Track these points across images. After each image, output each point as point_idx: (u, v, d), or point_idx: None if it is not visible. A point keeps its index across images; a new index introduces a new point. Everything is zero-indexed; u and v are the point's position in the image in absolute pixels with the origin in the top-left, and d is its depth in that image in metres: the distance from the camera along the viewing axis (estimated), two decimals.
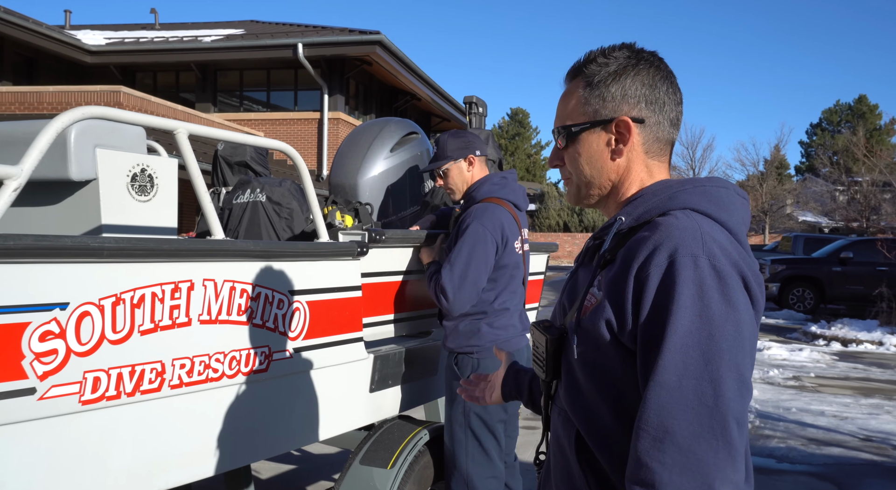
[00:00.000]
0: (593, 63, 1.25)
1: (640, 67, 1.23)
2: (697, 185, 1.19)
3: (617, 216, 1.20)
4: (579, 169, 1.27)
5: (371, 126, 3.93)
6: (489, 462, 2.83)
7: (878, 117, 47.37)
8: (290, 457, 5.04)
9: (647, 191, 1.22)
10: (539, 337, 1.26)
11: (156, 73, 19.15)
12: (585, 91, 1.25)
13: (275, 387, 2.38)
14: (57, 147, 2.14)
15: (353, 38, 16.88)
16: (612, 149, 1.24)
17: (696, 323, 1.03)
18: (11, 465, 1.68)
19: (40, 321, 1.67)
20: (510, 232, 2.93)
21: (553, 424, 1.27)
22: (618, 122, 1.23)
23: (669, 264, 1.06)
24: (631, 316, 1.08)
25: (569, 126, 1.26)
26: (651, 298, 1.06)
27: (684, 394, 1.01)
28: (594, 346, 1.12)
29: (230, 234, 3.33)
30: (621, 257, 1.13)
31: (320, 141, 17.78)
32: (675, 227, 1.10)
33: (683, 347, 1.02)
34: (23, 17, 15.19)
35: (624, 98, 1.23)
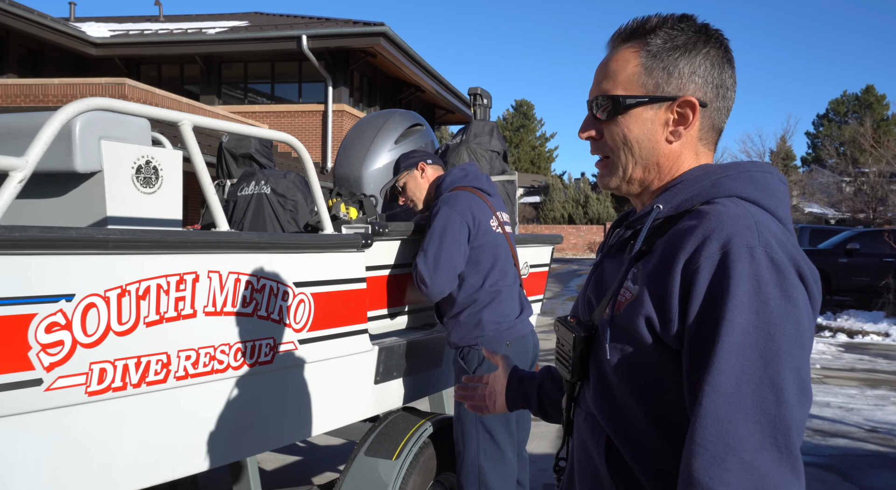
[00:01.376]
0: (659, 30, 1.11)
1: (710, 45, 1.11)
2: (742, 171, 1.09)
3: (653, 204, 1.11)
4: (627, 147, 1.13)
5: (375, 118, 3.92)
6: (502, 455, 2.83)
7: (885, 108, 47.08)
8: (295, 448, 5.07)
9: (686, 177, 1.11)
10: (565, 334, 1.16)
11: (160, 66, 19.15)
12: (647, 60, 1.11)
13: (280, 378, 2.39)
14: (62, 139, 2.14)
15: (357, 29, 16.84)
16: (669, 130, 1.11)
17: (754, 320, 0.93)
18: (18, 456, 1.69)
19: (46, 312, 1.68)
20: (481, 213, 2.94)
21: (577, 429, 1.17)
22: (682, 102, 1.10)
23: (723, 256, 0.96)
24: (677, 313, 0.99)
25: (621, 97, 1.11)
26: (702, 294, 0.96)
27: (743, 400, 0.91)
28: (630, 345, 1.03)
29: (235, 226, 3.34)
30: (662, 248, 1.03)
31: (325, 133, 17.76)
32: (725, 216, 1.00)
33: (741, 348, 0.93)
34: (28, 10, 15.19)
35: (691, 77, 1.10)
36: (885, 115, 46.02)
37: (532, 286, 3.98)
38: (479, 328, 2.88)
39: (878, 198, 24.31)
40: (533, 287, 3.99)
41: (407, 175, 3.13)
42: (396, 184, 3.16)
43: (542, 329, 11.45)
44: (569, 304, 15.67)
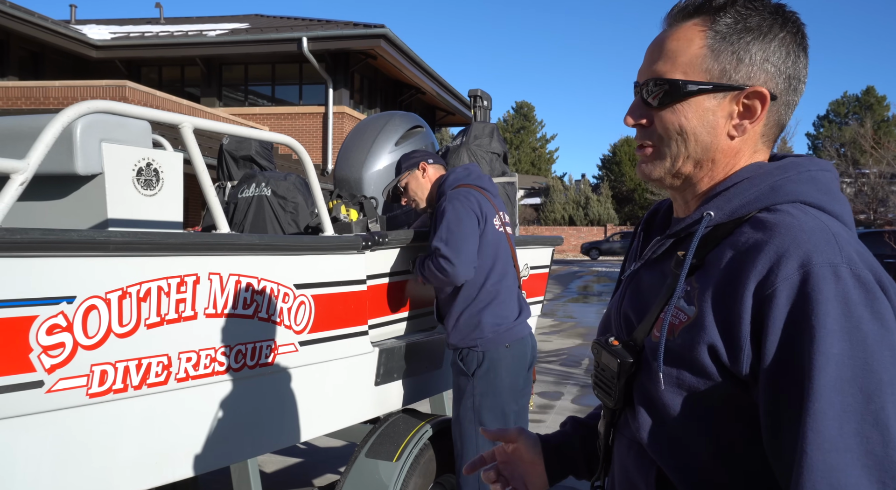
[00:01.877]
0: (730, 8, 0.97)
1: (787, 30, 0.98)
2: (802, 170, 0.98)
3: (703, 210, 0.98)
4: (681, 139, 0.99)
5: (376, 120, 3.93)
6: None
7: (885, 109, 47.11)
8: (296, 450, 5.07)
9: (739, 178, 0.98)
10: (608, 359, 1.02)
11: (161, 68, 19.17)
12: (715, 42, 0.97)
13: (280, 380, 2.39)
14: (63, 141, 2.15)
15: (357, 31, 16.86)
16: (733, 123, 0.98)
17: (849, 350, 0.82)
18: (20, 458, 1.70)
19: (47, 315, 1.68)
20: (487, 209, 2.95)
21: (619, 457, 1.06)
22: (751, 93, 0.97)
23: (803, 277, 0.84)
24: (749, 342, 0.87)
25: (681, 82, 0.98)
26: (782, 321, 0.85)
27: (847, 443, 0.81)
28: (688, 373, 0.92)
29: (235, 228, 3.34)
30: (726, 267, 0.91)
31: (325, 135, 17.78)
32: (798, 229, 0.88)
33: (838, 383, 0.81)
34: (28, 12, 15.22)
35: (763, 64, 0.97)
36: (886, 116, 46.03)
37: (532, 288, 3.98)
38: (479, 329, 2.88)
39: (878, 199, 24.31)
40: (533, 289, 4.00)
41: (409, 175, 3.14)
42: (398, 184, 3.17)
43: (543, 330, 11.44)
44: (570, 306, 15.66)
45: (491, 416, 2.83)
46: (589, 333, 11.40)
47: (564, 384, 7.53)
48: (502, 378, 2.84)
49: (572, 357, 9.18)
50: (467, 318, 2.90)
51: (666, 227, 1.14)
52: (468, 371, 2.86)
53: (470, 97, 4.25)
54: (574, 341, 10.56)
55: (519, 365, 2.92)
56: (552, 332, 11.43)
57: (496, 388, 2.82)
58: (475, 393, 2.83)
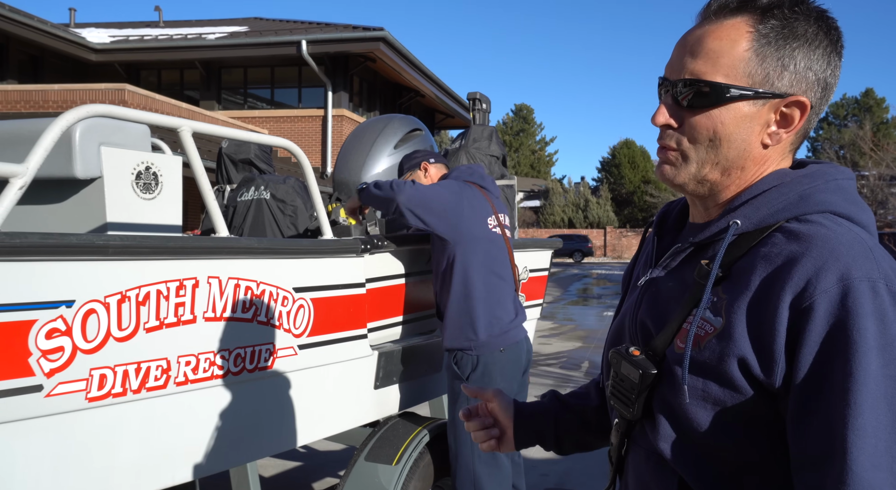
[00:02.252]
0: (776, 10, 0.93)
1: (830, 38, 0.94)
2: (829, 180, 0.95)
3: (729, 219, 0.96)
4: (712, 145, 0.95)
5: (375, 123, 3.93)
6: (496, 460, 2.83)
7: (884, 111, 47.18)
8: (295, 453, 5.06)
9: (765, 186, 0.96)
10: (629, 370, 0.99)
11: (160, 71, 19.18)
12: (761, 45, 0.93)
13: (280, 384, 2.39)
14: (62, 145, 2.15)
15: (356, 34, 16.87)
16: (768, 132, 0.95)
17: (882, 367, 0.81)
18: (19, 462, 1.69)
19: (47, 319, 1.68)
20: (478, 203, 2.93)
21: (635, 469, 1.04)
22: (792, 102, 0.94)
23: (843, 292, 0.83)
24: (783, 355, 0.86)
25: (724, 85, 0.93)
26: (820, 336, 0.83)
27: (888, 462, 0.80)
28: (716, 385, 0.90)
29: (234, 231, 3.34)
30: (756, 277, 0.89)
31: (324, 138, 17.78)
32: (836, 242, 0.87)
33: (878, 400, 0.81)
34: (28, 16, 15.23)
35: (806, 73, 0.93)
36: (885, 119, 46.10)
37: (532, 291, 3.98)
38: (472, 329, 2.86)
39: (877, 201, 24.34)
40: (533, 292, 4.00)
41: (411, 175, 3.14)
42: None
43: (543, 333, 11.44)
44: (570, 308, 15.66)
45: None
46: (588, 336, 11.39)
47: (564, 387, 7.52)
48: (496, 382, 2.83)
49: (572, 360, 9.17)
50: (460, 315, 2.87)
51: (678, 230, 1.12)
52: (462, 375, 2.85)
53: (469, 100, 4.25)
54: (574, 344, 10.56)
55: (513, 369, 2.91)
56: (552, 335, 11.43)
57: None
58: (469, 397, 2.82)
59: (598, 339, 11.01)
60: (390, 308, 3.02)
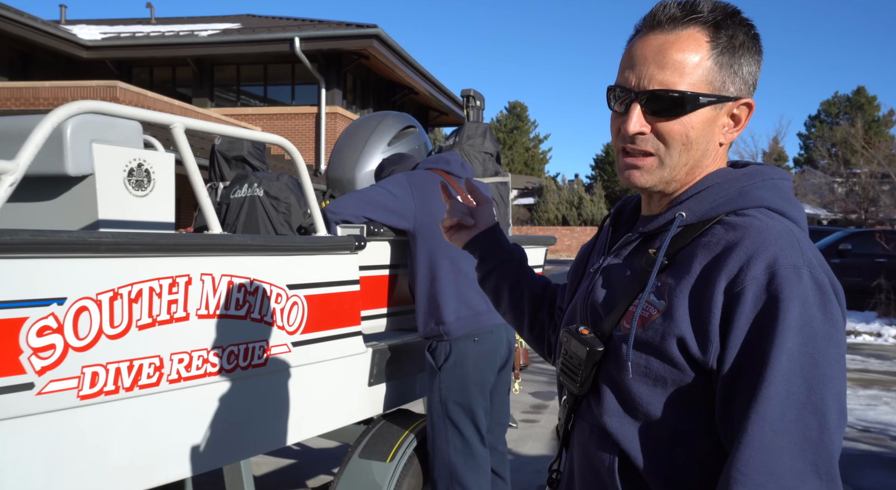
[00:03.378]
0: (728, 22, 1.03)
1: (758, 44, 1.07)
2: (766, 178, 1.05)
3: (675, 211, 1.05)
4: (684, 148, 1.04)
5: (368, 120, 3.92)
6: (471, 449, 2.79)
7: (876, 109, 47.34)
8: (289, 451, 5.06)
9: (709, 183, 1.06)
10: (577, 347, 1.08)
11: (152, 68, 19.10)
12: (719, 55, 1.02)
13: (273, 381, 2.39)
14: (53, 142, 2.13)
15: (349, 31, 16.84)
16: (723, 132, 1.06)
17: (800, 346, 0.90)
18: (10, 460, 1.68)
19: (38, 316, 1.67)
20: (431, 186, 2.88)
21: (580, 442, 1.12)
22: (742, 104, 1.06)
23: (770, 277, 0.92)
24: (717, 334, 0.94)
25: (694, 94, 1.01)
26: (748, 317, 0.92)
27: (787, 427, 0.89)
28: (656, 363, 0.99)
29: (228, 228, 3.33)
30: (697, 264, 0.98)
31: (318, 135, 17.75)
32: (767, 233, 0.96)
33: (788, 374, 0.89)
34: (18, 12, 15.13)
35: (747, 77, 1.05)
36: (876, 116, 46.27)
37: None
38: (440, 313, 2.79)
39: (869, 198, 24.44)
40: None
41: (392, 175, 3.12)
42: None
43: None
44: None
45: (458, 410, 2.77)
46: None
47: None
48: (469, 373, 2.78)
49: None
50: (428, 302, 2.83)
51: (632, 223, 1.20)
52: (436, 365, 2.81)
53: (462, 97, 4.25)
54: None
55: (488, 360, 2.85)
56: None
57: (462, 383, 2.77)
58: (442, 387, 2.78)
59: None
60: (381, 298, 3.02)
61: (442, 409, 2.78)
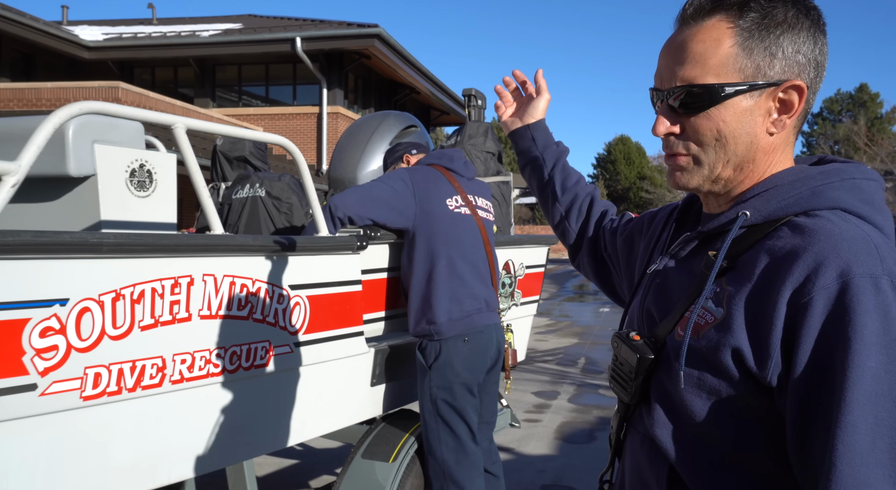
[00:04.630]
0: (759, 2, 0.94)
1: (810, 18, 0.95)
2: (846, 177, 0.95)
3: (738, 210, 0.96)
4: (719, 144, 0.96)
5: (370, 120, 3.92)
6: (463, 447, 2.79)
7: (879, 106, 47.26)
8: (291, 451, 5.06)
9: (778, 181, 0.96)
10: (627, 353, 1.01)
11: (154, 69, 19.11)
12: (745, 39, 0.94)
13: (276, 381, 2.39)
14: (55, 143, 2.13)
15: (351, 31, 16.83)
16: (771, 120, 0.96)
17: (885, 364, 0.80)
18: (14, 461, 1.68)
19: (40, 317, 1.67)
20: (434, 185, 2.88)
21: (632, 453, 1.05)
22: (789, 87, 0.94)
23: (842, 288, 0.82)
24: (779, 350, 0.85)
25: (717, 86, 0.94)
26: (817, 331, 0.83)
27: (880, 458, 0.79)
28: (710, 375, 0.91)
29: (230, 229, 3.33)
30: (758, 270, 0.89)
31: (319, 135, 17.75)
32: (839, 238, 0.86)
33: (874, 397, 0.79)
34: (20, 13, 15.15)
35: (796, 56, 0.94)
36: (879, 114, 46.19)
37: (528, 287, 3.98)
38: (432, 313, 2.79)
39: None
40: (528, 288, 4.00)
41: (394, 169, 3.12)
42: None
43: (539, 330, 11.45)
44: (566, 305, 15.68)
45: (448, 409, 2.78)
46: (584, 332, 11.41)
47: (561, 383, 7.53)
48: (458, 373, 2.78)
49: (568, 356, 9.18)
50: (421, 300, 2.82)
51: (698, 221, 1.12)
52: (426, 364, 2.81)
53: (464, 96, 4.24)
54: (570, 340, 10.57)
55: (478, 360, 2.85)
56: (548, 332, 11.44)
57: (451, 382, 2.78)
58: (432, 386, 2.79)
59: (594, 336, 11.02)
60: (382, 300, 3.01)
61: (433, 408, 2.79)
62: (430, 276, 2.82)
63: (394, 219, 2.81)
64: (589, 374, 8.06)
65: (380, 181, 2.85)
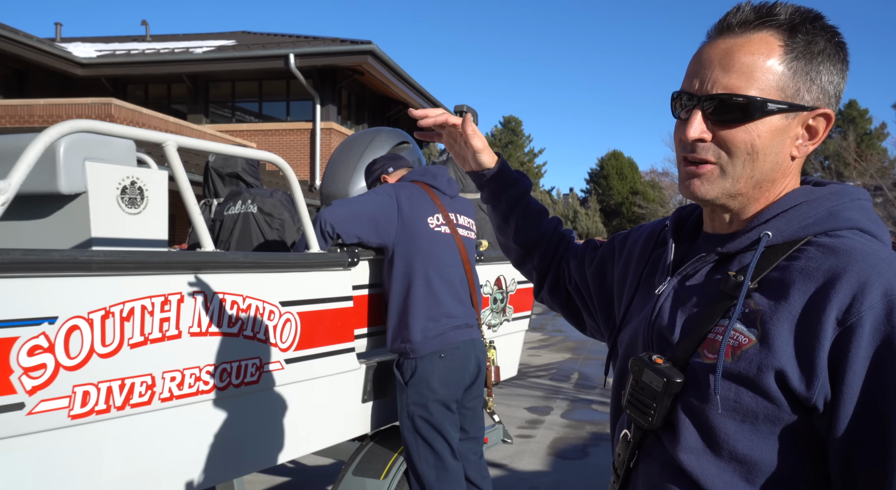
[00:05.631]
0: (802, 27, 0.95)
1: (842, 53, 0.97)
2: (854, 198, 0.98)
3: (760, 231, 0.96)
4: (750, 158, 0.96)
5: (362, 136, 3.94)
6: (441, 463, 2.79)
7: (868, 122, 47.61)
8: (283, 468, 5.02)
9: (794, 201, 0.97)
10: (651, 378, 0.98)
11: (147, 85, 19.14)
12: (793, 61, 0.94)
13: (266, 398, 2.38)
14: (46, 160, 2.14)
15: (344, 48, 16.92)
16: (796, 145, 0.97)
17: None
18: (1, 480, 1.67)
19: (29, 336, 1.67)
20: (417, 202, 2.90)
21: (649, 481, 1.02)
22: (819, 115, 0.96)
23: (890, 308, 0.82)
24: (826, 371, 0.85)
25: (762, 99, 0.94)
26: (866, 352, 0.82)
27: None
28: (749, 397, 0.89)
29: (222, 245, 3.33)
30: (796, 290, 0.89)
31: (313, 151, 17.78)
32: (874, 257, 0.87)
33: None
34: (13, 31, 15.17)
35: (828, 87, 0.96)
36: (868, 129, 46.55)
37: (519, 303, 3.98)
38: (408, 331, 2.80)
39: None
40: (520, 304, 4.00)
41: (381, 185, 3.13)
42: None
43: (532, 345, 11.44)
44: (559, 320, 15.67)
45: (425, 425, 2.78)
46: (578, 347, 11.39)
47: (554, 399, 7.52)
48: (434, 389, 2.79)
49: (561, 371, 9.17)
50: (398, 317, 2.83)
51: (693, 239, 1.12)
52: (403, 380, 2.82)
53: (455, 112, 4.27)
54: (563, 356, 10.56)
55: (455, 376, 2.84)
56: (541, 347, 11.43)
57: (427, 399, 2.78)
58: (409, 402, 2.79)
59: (587, 351, 11.01)
60: (372, 316, 3.01)
61: (411, 424, 2.79)
62: (407, 294, 2.83)
63: (373, 235, 2.83)
64: (582, 390, 8.05)
65: (367, 196, 2.87)
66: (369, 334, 2.97)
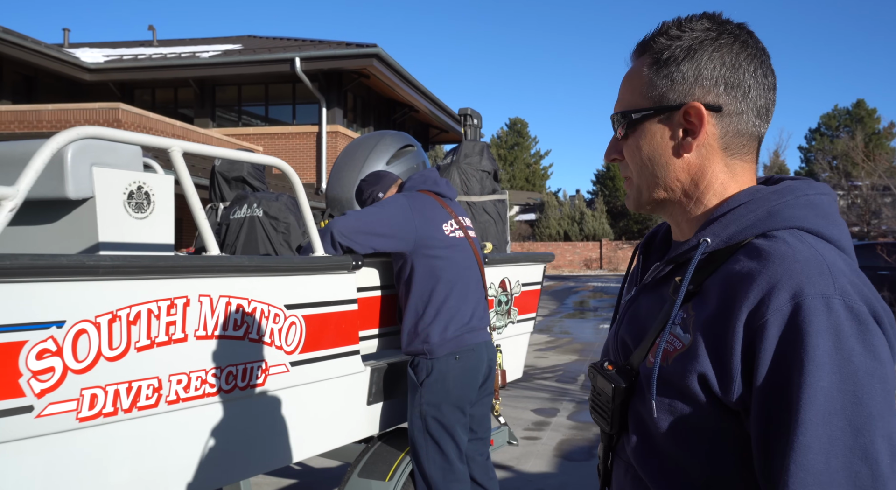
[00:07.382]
0: (663, 36, 1.01)
1: (720, 42, 0.99)
2: (800, 195, 0.97)
3: (700, 237, 0.98)
4: (640, 165, 1.03)
5: (367, 139, 3.96)
6: (449, 465, 2.82)
7: (876, 121, 47.40)
8: (289, 470, 5.04)
9: (734, 203, 0.98)
10: (603, 384, 1.03)
11: (154, 90, 19.24)
12: (651, 70, 1.01)
13: (272, 401, 2.40)
14: (54, 166, 2.16)
15: (350, 51, 16.97)
16: (677, 142, 1.00)
17: (838, 383, 0.81)
18: (10, 483, 1.69)
19: (37, 339, 1.69)
20: (430, 211, 2.94)
21: (617, 481, 1.06)
22: (687, 110, 0.99)
23: (794, 309, 0.84)
24: (739, 373, 0.87)
25: (626, 112, 1.03)
26: (772, 353, 0.84)
27: (834, 478, 0.80)
28: (680, 402, 0.92)
29: (227, 249, 3.36)
30: (718, 295, 0.91)
31: (319, 154, 17.83)
32: (791, 259, 0.88)
33: (827, 416, 0.81)
34: (21, 37, 15.28)
35: (697, 80, 0.98)
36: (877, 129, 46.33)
37: (524, 305, 3.99)
38: (426, 333, 2.85)
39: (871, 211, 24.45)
40: (525, 305, 4.01)
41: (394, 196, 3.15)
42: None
43: (539, 347, 11.43)
44: (566, 321, 15.66)
45: (437, 426, 2.81)
46: (585, 349, 11.39)
47: (560, 401, 7.52)
48: (450, 390, 2.82)
49: (568, 373, 9.16)
50: (416, 321, 2.87)
51: (665, 251, 1.15)
52: (417, 380, 2.85)
53: (460, 116, 4.29)
54: (570, 357, 10.55)
55: (469, 377, 2.88)
56: (548, 348, 11.42)
57: (443, 400, 2.81)
58: (422, 402, 2.81)
59: (594, 352, 11.00)
60: (378, 318, 3.03)
61: (422, 425, 2.81)
62: (429, 299, 2.87)
63: (393, 245, 2.87)
64: (589, 392, 8.03)
65: (380, 208, 2.89)
66: (373, 337, 2.99)
